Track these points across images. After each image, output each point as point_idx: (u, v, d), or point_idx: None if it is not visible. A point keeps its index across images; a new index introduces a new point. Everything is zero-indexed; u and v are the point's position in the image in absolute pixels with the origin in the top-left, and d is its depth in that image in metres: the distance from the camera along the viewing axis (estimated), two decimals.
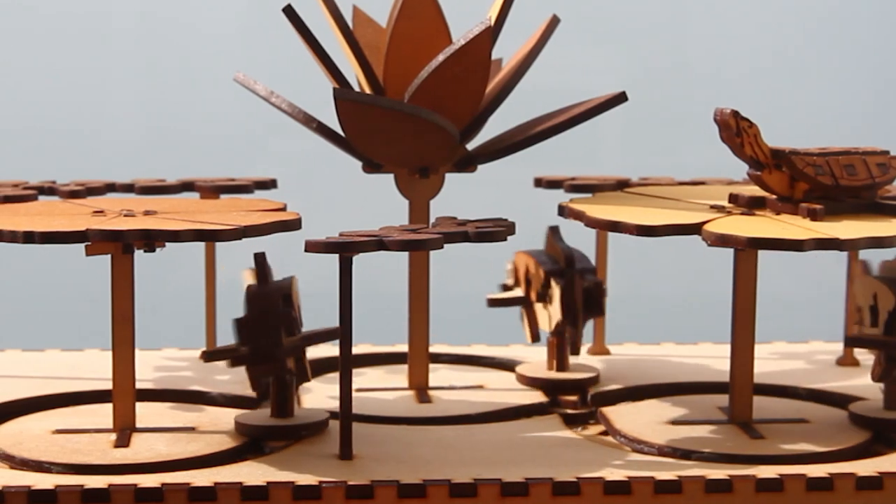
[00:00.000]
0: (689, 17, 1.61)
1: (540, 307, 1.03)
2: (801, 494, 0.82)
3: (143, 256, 0.89)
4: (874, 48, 1.61)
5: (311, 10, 0.96)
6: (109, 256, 0.88)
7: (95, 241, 0.84)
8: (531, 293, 1.04)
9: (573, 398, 0.98)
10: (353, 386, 0.84)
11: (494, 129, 1.01)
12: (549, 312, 1.01)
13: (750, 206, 0.93)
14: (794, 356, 1.12)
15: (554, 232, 1.04)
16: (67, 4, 1.54)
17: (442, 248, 0.83)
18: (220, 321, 1.07)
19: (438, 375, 1.05)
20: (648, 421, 0.93)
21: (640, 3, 1.59)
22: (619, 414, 0.95)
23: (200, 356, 0.91)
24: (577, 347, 1.01)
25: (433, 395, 1.00)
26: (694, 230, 0.87)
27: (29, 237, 0.83)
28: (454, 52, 0.93)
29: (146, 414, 0.93)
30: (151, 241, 0.85)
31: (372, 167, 0.99)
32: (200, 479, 0.81)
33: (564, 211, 0.95)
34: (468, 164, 0.99)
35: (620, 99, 0.97)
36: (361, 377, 1.04)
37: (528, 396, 0.99)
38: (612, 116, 1.00)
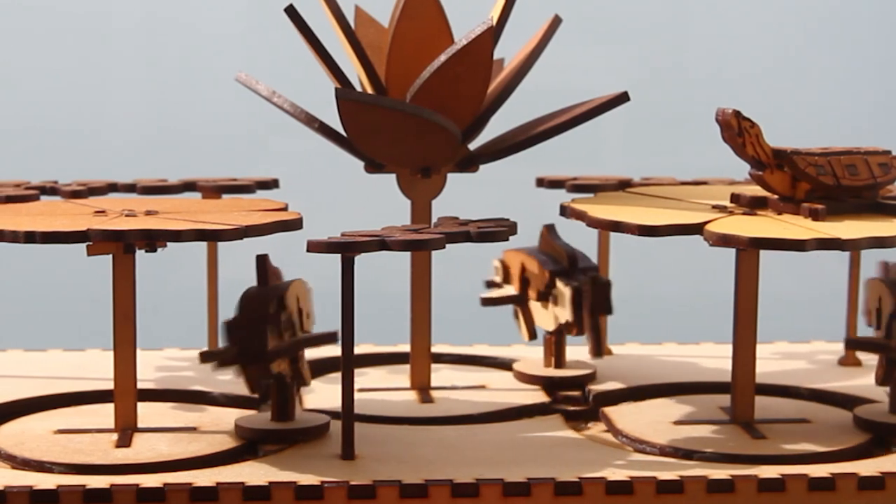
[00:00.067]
0: (690, 17, 1.61)
1: (538, 306, 1.03)
2: (802, 494, 0.82)
3: (144, 256, 0.89)
4: (876, 48, 1.61)
5: (312, 10, 0.96)
6: (111, 256, 0.88)
7: (97, 241, 0.84)
8: (529, 292, 1.04)
9: (573, 394, 0.99)
10: (355, 386, 0.84)
11: (496, 129, 1.01)
12: (553, 311, 1.01)
13: (752, 206, 0.93)
14: (795, 356, 1.12)
15: (550, 230, 1.04)
16: (67, 4, 1.53)
17: (444, 248, 0.83)
18: (221, 321, 1.06)
19: (440, 375, 1.05)
20: (650, 421, 0.93)
21: (641, 3, 1.59)
22: (621, 414, 0.95)
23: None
24: (601, 348, 1.02)
25: (435, 395, 1.00)
26: (696, 230, 0.87)
27: (30, 237, 0.83)
28: (456, 52, 0.93)
29: (148, 414, 0.93)
30: (153, 240, 0.85)
31: (374, 167, 0.99)
32: (202, 479, 0.81)
33: (566, 211, 0.95)
34: (470, 164, 0.99)
35: (622, 99, 0.97)
36: (363, 377, 1.04)
37: (530, 396, 0.99)
38: (614, 116, 1.00)
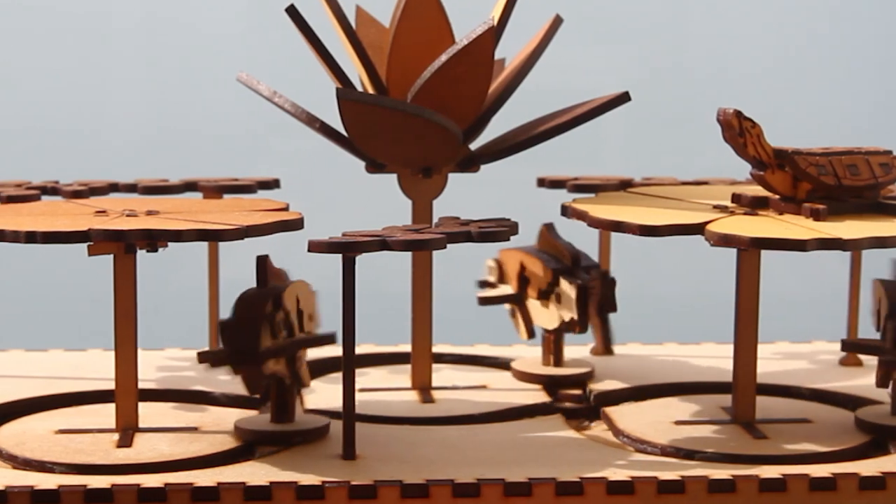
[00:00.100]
0: (691, 17, 1.61)
1: (538, 304, 1.03)
2: (804, 494, 0.82)
3: (145, 256, 0.89)
4: (877, 48, 1.61)
5: (313, 10, 0.96)
6: (112, 256, 0.88)
7: (98, 241, 0.84)
8: (529, 290, 1.04)
9: (575, 392, 0.99)
10: (356, 386, 0.84)
11: (497, 129, 1.01)
12: (556, 310, 1.01)
13: (753, 206, 0.93)
14: (797, 356, 1.12)
15: (550, 229, 1.04)
16: (67, 4, 1.53)
17: (445, 248, 0.83)
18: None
19: (441, 375, 1.05)
20: (651, 421, 0.93)
21: (642, 2, 1.59)
22: (622, 414, 0.95)
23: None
24: (609, 345, 1.02)
25: (436, 395, 1.00)
26: (697, 230, 0.87)
27: (31, 237, 0.83)
28: (457, 52, 0.93)
29: (149, 414, 0.93)
30: (154, 240, 0.85)
31: (375, 167, 0.99)
32: (203, 479, 0.81)
33: (567, 211, 0.95)
34: (471, 164, 0.99)
35: (623, 99, 0.97)
36: (364, 377, 1.04)
37: (531, 396, 0.99)
38: (615, 116, 1.00)
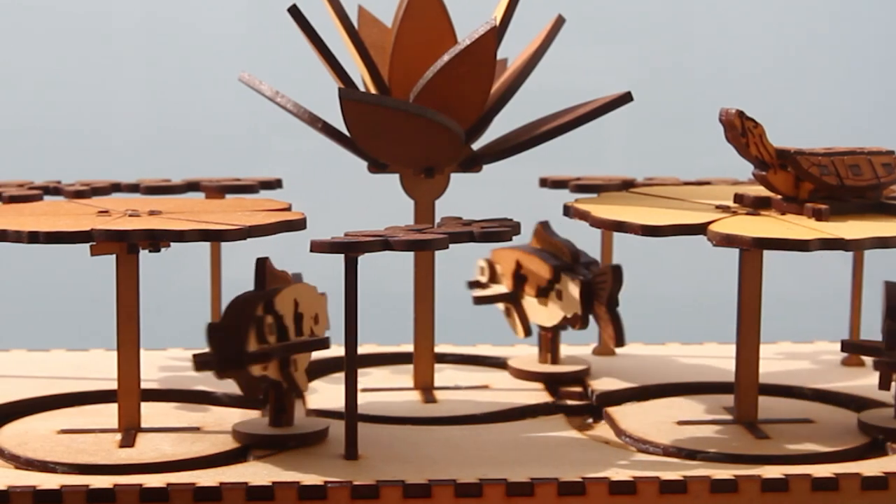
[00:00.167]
0: (693, 16, 1.61)
1: (535, 302, 1.03)
2: (806, 495, 0.82)
3: (148, 256, 0.89)
4: (877, 48, 1.61)
5: (316, 9, 0.96)
6: (114, 256, 0.88)
7: (100, 241, 0.84)
8: (526, 288, 1.04)
9: (576, 389, 0.99)
10: (358, 386, 0.84)
11: (500, 129, 1.01)
12: (557, 307, 1.01)
13: (755, 206, 0.93)
14: (799, 356, 1.12)
15: (546, 227, 1.04)
16: (67, 4, 1.53)
17: (447, 248, 0.83)
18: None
19: (444, 375, 1.05)
20: (654, 421, 0.93)
21: (644, 2, 1.59)
22: (624, 414, 0.95)
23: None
24: (622, 339, 1.02)
25: (438, 395, 1.00)
26: (699, 230, 0.87)
27: (33, 237, 0.83)
28: (459, 52, 0.93)
29: (151, 414, 0.93)
30: (156, 241, 0.85)
31: (377, 167, 0.99)
32: (206, 479, 0.81)
33: (570, 211, 0.95)
34: (473, 164, 0.99)
35: (626, 99, 0.97)
36: (367, 377, 1.04)
37: (533, 396, 0.99)
38: (617, 116, 1.00)
